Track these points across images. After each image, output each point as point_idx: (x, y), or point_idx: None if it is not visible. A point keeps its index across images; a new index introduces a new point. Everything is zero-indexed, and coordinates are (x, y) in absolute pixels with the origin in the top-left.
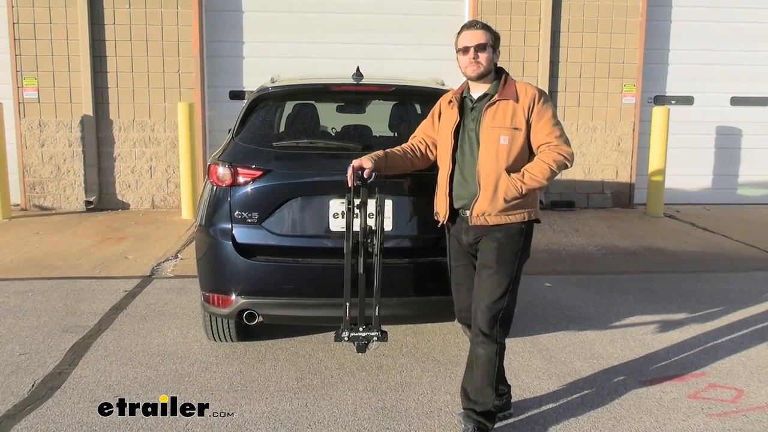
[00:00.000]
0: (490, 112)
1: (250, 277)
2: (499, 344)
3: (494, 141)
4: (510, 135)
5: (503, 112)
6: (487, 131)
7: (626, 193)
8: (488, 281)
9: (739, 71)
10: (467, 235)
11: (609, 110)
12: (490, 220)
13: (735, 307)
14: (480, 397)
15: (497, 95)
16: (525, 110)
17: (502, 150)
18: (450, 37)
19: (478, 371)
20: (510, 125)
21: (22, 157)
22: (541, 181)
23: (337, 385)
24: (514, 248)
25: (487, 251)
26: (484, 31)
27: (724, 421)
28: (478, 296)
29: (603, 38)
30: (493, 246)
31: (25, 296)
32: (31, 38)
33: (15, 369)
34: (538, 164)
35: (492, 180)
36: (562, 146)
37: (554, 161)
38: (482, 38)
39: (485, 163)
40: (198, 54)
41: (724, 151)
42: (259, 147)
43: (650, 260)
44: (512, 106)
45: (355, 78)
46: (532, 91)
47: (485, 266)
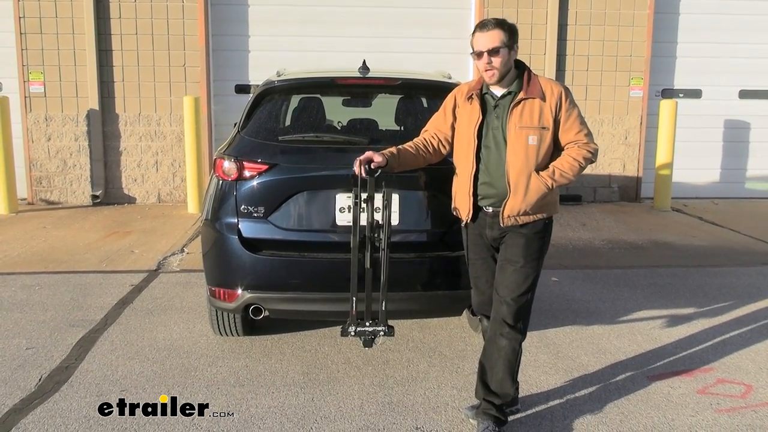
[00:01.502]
0: (516, 112)
1: (256, 272)
2: (523, 336)
3: (523, 141)
4: (538, 135)
5: (530, 112)
6: (515, 131)
7: (633, 187)
8: (514, 275)
9: (748, 64)
10: (492, 230)
11: (616, 104)
12: (521, 220)
13: (743, 301)
14: (501, 388)
15: (523, 93)
16: (552, 109)
17: (531, 150)
18: (456, 30)
19: (500, 362)
20: (538, 125)
21: (29, 151)
22: (570, 177)
23: (344, 380)
24: (539, 244)
25: (513, 246)
26: (498, 30)
27: (733, 417)
28: (503, 290)
29: (610, 31)
30: (520, 242)
31: (32, 290)
32: (37, 32)
33: (22, 363)
34: (568, 161)
35: (523, 181)
36: (590, 143)
37: (583, 158)
38: (496, 41)
39: (515, 164)
40: (204, 48)
41: (733, 145)
42: (264, 141)
43: (657, 254)
44: (539, 104)
45: (361, 71)
46: (558, 89)
47: (511, 261)
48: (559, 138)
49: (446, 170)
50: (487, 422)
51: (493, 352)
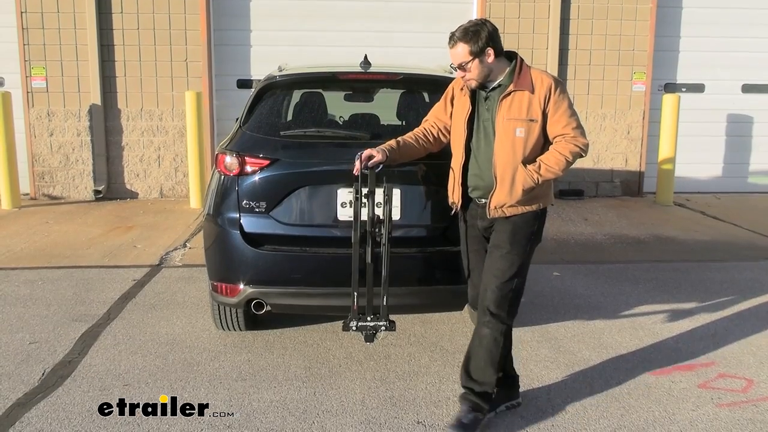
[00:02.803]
0: (505, 104)
1: (258, 267)
2: (505, 325)
3: (510, 133)
4: (526, 127)
5: (518, 104)
6: (503, 123)
7: (636, 181)
8: (500, 261)
9: (752, 58)
10: (482, 221)
11: (619, 98)
12: (507, 212)
13: (745, 296)
14: (481, 376)
15: (512, 85)
16: (541, 101)
17: (519, 142)
18: (457, 24)
19: (481, 351)
20: (526, 117)
21: (31, 146)
22: (557, 172)
23: (345, 375)
24: (527, 231)
25: (501, 232)
26: (462, 42)
27: (734, 411)
28: (488, 276)
29: (613, 25)
30: (507, 228)
31: (35, 285)
32: (39, 27)
33: (25, 357)
34: (554, 155)
35: (509, 172)
36: (578, 138)
37: (570, 152)
38: (462, 56)
39: (501, 156)
40: (205, 43)
41: (735, 139)
42: (266, 136)
43: (659, 249)
44: (528, 97)
45: (362, 66)
46: (548, 80)
47: (497, 246)
48: (547, 131)
49: (447, 165)
50: (464, 406)
51: (475, 341)
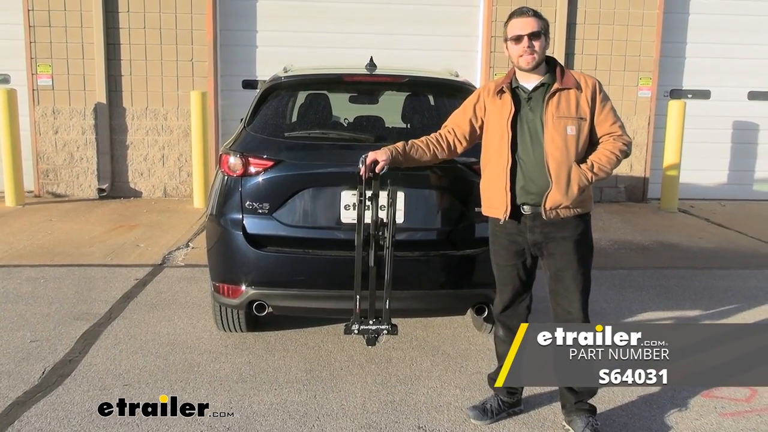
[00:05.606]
0: (553, 102)
1: (261, 268)
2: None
3: (561, 131)
4: (577, 125)
5: (566, 102)
6: (553, 121)
7: (640, 187)
8: (574, 282)
9: (758, 65)
10: (533, 234)
11: (624, 103)
12: (562, 213)
13: (749, 304)
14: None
15: (558, 84)
16: (588, 100)
17: (571, 140)
18: (465, 28)
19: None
20: (576, 115)
21: (36, 144)
22: (608, 171)
23: (346, 378)
24: (586, 243)
25: (563, 254)
26: (536, 18)
27: (737, 421)
28: (565, 301)
29: (619, 30)
30: (569, 247)
31: (37, 283)
32: (45, 25)
33: (26, 356)
34: (606, 154)
35: (564, 171)
36: (624, 136)
37: (620, 150)
38: (535, 26)
39: (555, 154)
40: (211, 43)
41: (741, 146)
42: (270, 137)
43: (664, 256)
44: (575, 95)
45: (368, 68)
46: (591, 80)
47: (565, 268)
48: (594, 129)
49: (452, 168)
50: (582, 421)
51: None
